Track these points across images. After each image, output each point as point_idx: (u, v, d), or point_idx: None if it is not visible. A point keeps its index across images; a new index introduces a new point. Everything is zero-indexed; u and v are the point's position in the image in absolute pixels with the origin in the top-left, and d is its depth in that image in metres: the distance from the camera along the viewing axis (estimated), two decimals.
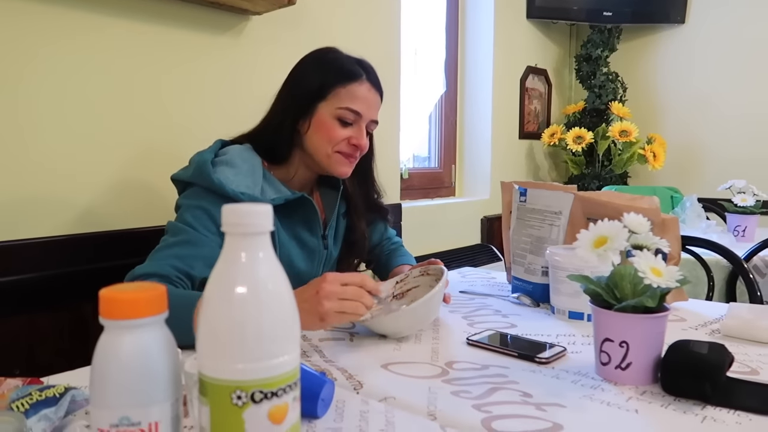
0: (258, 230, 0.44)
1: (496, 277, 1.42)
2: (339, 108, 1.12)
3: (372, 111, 1.16)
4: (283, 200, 1.11)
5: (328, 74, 1.13)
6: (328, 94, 1.13)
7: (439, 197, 2.76)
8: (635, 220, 0.80)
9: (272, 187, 1.13)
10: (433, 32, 2.69)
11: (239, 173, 1.08)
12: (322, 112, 1.13)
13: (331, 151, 1.14)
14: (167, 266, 0.97)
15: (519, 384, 0.74)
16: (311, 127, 1.14)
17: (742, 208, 2.11)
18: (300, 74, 1.17)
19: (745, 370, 0.80)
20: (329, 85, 1.13)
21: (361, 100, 1.13)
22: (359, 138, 1.14)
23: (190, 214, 1.04)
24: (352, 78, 1.13)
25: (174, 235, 1.02)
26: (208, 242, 1.02)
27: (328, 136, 1.13)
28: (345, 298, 0.83)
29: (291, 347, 0.44)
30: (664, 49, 3.16)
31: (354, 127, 1.14)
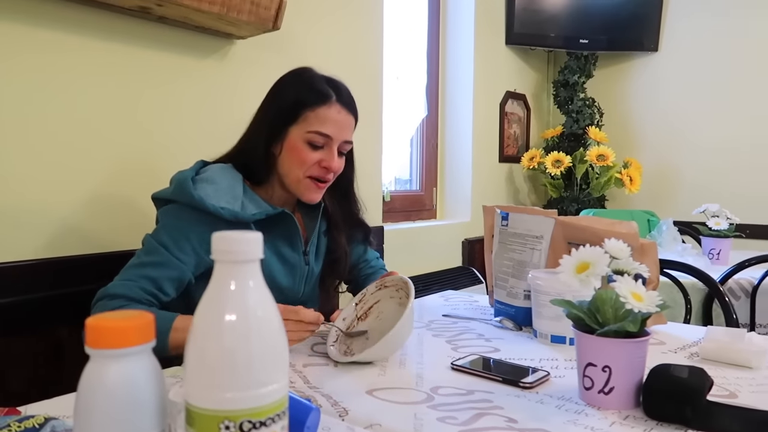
0: (248, 258, 0.44)
1: (478, 300, 1.43)
2: (308, 132, 1.12)
3: (343, 132, 1.15)
4: (264, 215, 1.12)
5: (298, 98, 1.13)
6: (298, 118, 1.13)
7: (421, 220, 2.77)
8: (616, 246, 0.82)
9: (253, 203, 1.14)
10: (414, 57, 2.73)
11: (219, 189, 1.10)
12: (292, 135, 1.13)
13: (302, 175, 1.14)
14: (136, 288, 1.00)
15: (504, 409, 0.75)
16: (283, 151, 1.15)
17: (717, 232, 2.15)
18: (272, 98, 1.18)
19: (724, 393, 0.81)
20: (298, 109, 1.13)
21: (331, 122, 1.13)
22: (329, 161, 1.14)
23: (167, 234, 1.06)
24: (320, 101, 1.13)
25: (148, 254, 1.05)
26: (180, 265, 1.05)
27: (299, 160, 1.13)
28: (289, 329, 0.90)
29: (280, 375, 0.44)
30: (639, 76, 3.25)
31: (324, 150, 1.14)
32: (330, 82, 1.16)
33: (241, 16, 1.46)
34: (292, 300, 1.22)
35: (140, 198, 1.45)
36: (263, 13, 1.51)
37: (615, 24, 3.14)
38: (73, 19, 1.32)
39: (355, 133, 1.23)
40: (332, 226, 1.27)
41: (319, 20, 1.93)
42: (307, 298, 1.26)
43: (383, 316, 1.04)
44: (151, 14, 1.41)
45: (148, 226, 1.13)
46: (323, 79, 1.16)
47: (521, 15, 3.05)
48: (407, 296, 1.00)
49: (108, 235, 1.40)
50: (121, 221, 1.42)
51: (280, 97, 1.16)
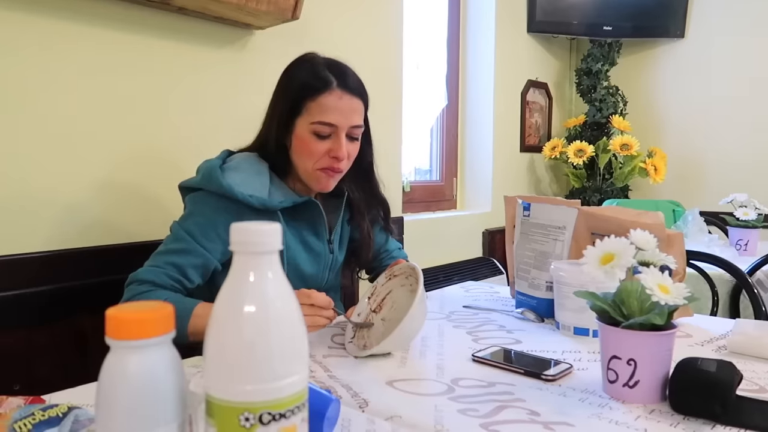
0: (267, 249, 0.43)
1: (499, 292, 1.41)
2: (312, 123, 1.10)
3: (349, 118, 1.11)
4: (291, 203, 1.13)
5: (298, 89, 1.11)
6: (301, 109, 1.11)
7: (441, 210, 2.75)
8: (642, 237, 0.80)
9: (280, 191, 1.14)
10: (434, 46, 2.71)
11: (247, 177, 1.11)
12: (299, 128, 1.12)
13: (312, 168, 1.13)
14: (163, 274, 1.04)
15: (526, 402, 0.74)
16: (293, 144, 1.14)
17: (744, 222, 2.10)
18: (278, 90, 1.17)
19: (754, 387, 0.79)
20: (300, 100, 1.11)
21: (333, 110, 1.10)
22: (337, 150, 1.11)
23: (194, 222, 1.08)
24: (319, 89, 1.09)
25: (175, 241, 1.08)
26: (204, 253, 1.07)
27: (308, 152, 1.12)
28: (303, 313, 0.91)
29: (300, 367, 0.44)
30: (664, 63, 3.18)
31: (332, 139, 1.12)
32: (332, 67, 1.12)
33: (260, 6, 1.45)
34: (316, 288, 1.23)
35: (162, 189, 1.46)
36: (282, 3, 1.50)
37: (640, 10, 3.07)
38: (92, 10, 1.32)
39: (374, 123, 1.22)
40: (355, 212, 1.27)
41: (338, 10, 1.92)
42: (330, 287, 1.28)
43: (397, 306, 1.04)
44: (170, 5, 1.41)
45: (170, 217, 1.14)
46: (324, 65, 1.13)
47: (543, 2, 3.00)
48: (417, 282, 0.99)
49: (131, 226, 1.41)
50: (143, 213, 1.44)
51: (284, 89, 1.15)
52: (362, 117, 1.16)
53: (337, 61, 1.15)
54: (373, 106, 1.19)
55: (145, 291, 1.01)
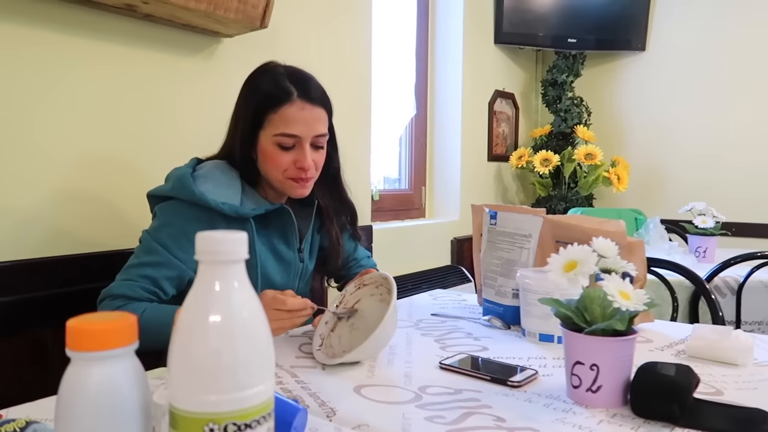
0: (232, 258, 0.43)
1: (467, 299, 1.43)
2: (275, 135, 1.09)
3: (312, 127, 1.10)
4: (263, 210, 1.12)
5: (258, 102, 1.10)
6: (263, 122, 1.10)
7: (410, 219, 2.77)
8: (604, 245, 0.82)
9: (251, 199, 1.14)
10: (403, 56, 2.73)
11: (219, 185, 1.10)
12: (262, 140, 1.11)
13: (282, 177, 1.13)
14: (137, 287, 1.02)
15: (492, 408, 0.75)
16: (259, 156, 1.13)
17: (703, 230, 2.17)
18: (240, 102, 1.16)
19: (711, 390, 0.81)
20: (261, 113, 1.10)
21: (296, 121, 1.09)
22: (303, 161, 1.10)
23: (166, 233, 1.07)
24: (280, 101, 1.08)
25: (147, 254, 1.06)
26: (179, 264, 1.06)
27: (274, 164, 1.11)
28: (278, 318, 0.95)
29: (266, 377, 0.44)
30: (626, 75, 3.27)
31: (297, 150, 1.11)
32: (292, 77, 1.11)
33: (228, 14, 1.45)
34: None
35: (124, 198, 1.44)
36: (251, 11, 1.50)
37: (603, 24, 3.16)
38: (57, 15, 1.30)
39: (343, 132, 1.22)
40: (325, 218, 1.27)
41: (307, 18, 1.92)
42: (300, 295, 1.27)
43: (365, 315, 1.04)
44: (137, 12, 1.39)
45: (134, 226, 1.12)
46: (284, 76, 1.11)
47: (510, 14, 3.05)
48: (388, 292, 1.00)
49: (92, 235, 1.38)
50: (105, 221, 1.41)
51: (245, 101, 1.14)
52: (326, 125, 1.15)
53: (298, 70, 1.14)
54: (342, 115, 1.20)
55: (120, 305, 0.99)
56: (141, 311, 0.98)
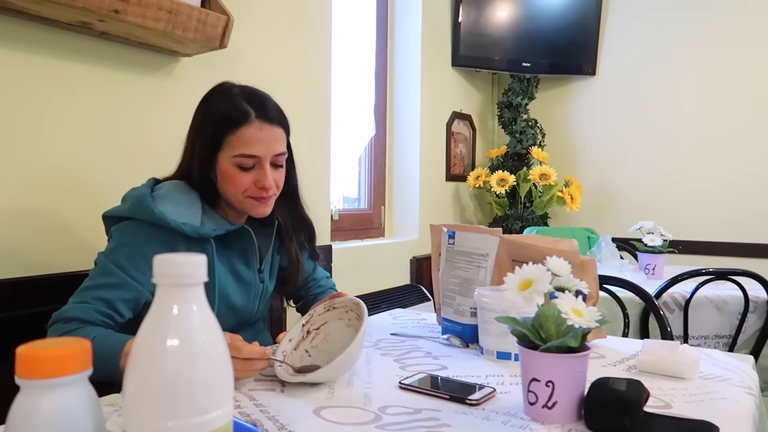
0: (191, 281, 0.43)
1: (426, 318, 1.44)
2: (234, 156, 1.09)
3: (272, 147, 1.11)
4: (224, 231, 1.11)
5: (216, 123, 1.10)
6: (222, 144, 1.10)
7: (369, 238, 2.77)
8: (557, 264, 0.84)
9: (211, 219, 1.13)
10: (362, 77, 2.76)
11: (179, 205, 1.09)
12: (221, 162, 1.11)
13: (242, 197, 1.12)
14: (92, 310, 0.99)
15: (451, 427, 0.75)
16: (218, 177, 1.13)
17: (652, 248, 2.25)
18: (196, 123, 1.15)
19: (660, 404, 0.84)
20: (219, 135, 1.09)
21: (255, 141, 1.09)
22: (263, 181, 1.11)
23: (123, 254, 1.04)
24: (238, 123, 1.08)
25: (102, 275, 1.03)
26: (136, 286, 1.03)
27: (234, 185, 1.11)
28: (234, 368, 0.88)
29: (224, 401, 0.43)
30: (578, 99, 3.39)
31: (257, 170, 1.11)
32: (249, 98, 1.11)
33: (186, 33, 1.44)
34: (246, 318, 1.21)
35: (78, 218, 1.40)
36: (210, 31, 1.50)
37: (555, 49, 3.27)
38: (9, 31, 1.27)
39: (303, 151, 1.23)
40: (284, 236, 1.26)
41: (267, 39, 1.93)
42: (260, 317, 1.26)
43: (330, 338, 1.04)
44: (92, 29, 1.37)
45: (87, 247, 1.09)
46: (241, 96, 1.11)
47: (466, 38, 3.13)
48: (357, 318, 1.00)
49: (44, 257, 1.34)
50: (58, 242, 1.36)
51: (201, 123, 1.13)
52: (285, 144, 1.15)
53: (254, 90, 1.15)
54: (302, 134, 1.21)
55: (73, 329, 0.96)
56: (92, 336, 0.95)
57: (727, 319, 1.89)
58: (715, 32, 3.00)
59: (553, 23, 3.24)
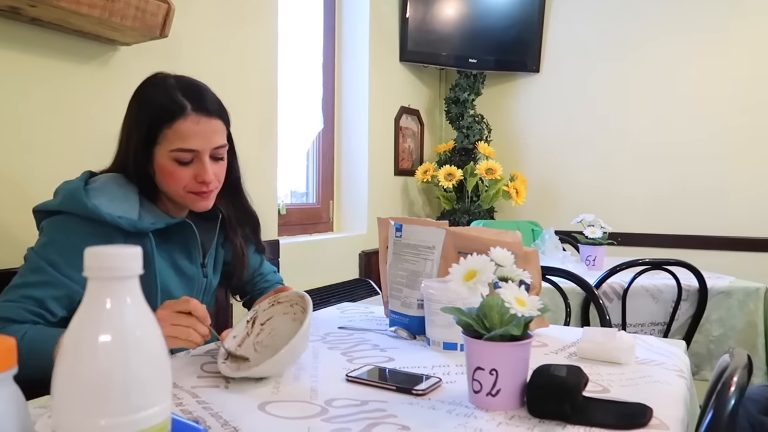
0: (124, 274, 0.41)
1: (374, 312, 1.44)
2: (171, 151, 1.06)
3: (210, 140, 1.08)
4: (163, 224, 1.08)
5: (151, 117, 1.06)
6: (158, 138, 1.06)
7: (318, 233, 2.76)
8: (501, 254, 0.86)
9: (150, 213, 1.09)
10: (310, 70, 2.73)
11: (114, 199, 1.04)
12: (159, 157, 1.07)
13: (183, 192, 1.09)
14: (21, 309, 0.95)
15: (397, 417, 0.76)
16: (156, 172, 1.09)
17: (592, 240, 2.33)
18: (130, 117, 1.11)
19: (598, 389, 0.87)
20: (155, 129, 1.05)
21: (192, 135, 1.05)
22: (203, 175, 1.08)
23: (55, 250, 0.99)
24: (173, 116, 1.04)
25: (32, 273, 0.98)
26: (68, 283, 0.99)
27: (173, 180, 1.08)
28: (177, 324, 0.90)
29: (161, 397, 0.42)
30: (523, 95, 3.46)
31: (196, 164, 1.08)
32: (185, 90, 1.08)
33: (124, 21, 1.39)
34: None
35: (7, 213, 1.33)
36: (149, 20, 1.45)
37: (501, 46, 3.33)
38: None
39: (249, 145, 1.21)
40: (228, 229, 1.24)
41: (210, 29, 1.88)
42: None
43: (276, 333, 1.03)
44: (22, 15, 1.30)
45: (16, 243, 1.04)
46: (176, 88, 1.07)
47: (414, 34, 3.15)
48: (303, 311, 0.99)
49: None
50: None
51: (136, 116, 1.09)
52: (224, 136, 1.12)
53: (191, 81, 1.11)
54: (248, 128, 1.19)
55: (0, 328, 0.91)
56: (21, 334, 0.91)
57: (662, 307, 1.98)
58: (655, 29, 3.12)
59: (499, 20, 3.30)
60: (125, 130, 1.12)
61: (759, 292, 1.96)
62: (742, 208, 2.95)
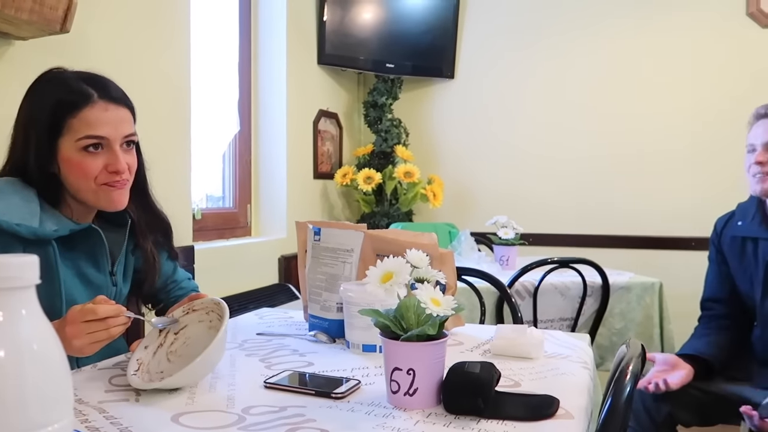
0: (19, 284, 0.39)
1: (293, 316, 1.43)
2: (78, 139, 1.01)
3: (120, 128, 1.05)
4: (67, 231, 1.01)
5: (54, 107, 1.01)
6: (62, 129, 1.01)
7: (235, 237, 2.69)
8: (416, 256, 0.88)
9: (52, 219, 1.02)
10: (225, 71, 2.67)
11: (11, 204, 0.98)
12: (64, 149, 1.02)
13: (95, 186, 1.04)
14: None
15: (316, 422, 0.76)
16: (62, 168, 1.03)
17: (505, 241, 2.42)
18: (26, 114, 1.05)
19: (510, 383, 0.91)
20: (59, 119, 1.01)
21: (101, 122, 1.02)
22: (116, 163, 1.04)
23: None
24: (79, 104, 1.01)
25: None
26: None
27: (83, 173, 1.03)
28: (93, 331, 0.87)
29: (62, 413, 0.40)
30: (439, 100, 3.54)
31: (105, 153, 1.04)
32: (88, 80, 1.05)
33: (20, 14, 1.30)
34: None
35: None
36: (48, 13, 1.36)
37: (417, 52, 3.39)
38: None
39: (160, 147, 1.16)
40: (138, 234, 1.18)
41: (117, 24, 1.79)
42: None
43: (191, 342, 0.99)
44: None
45: None
46: (77, 80, 1.04)
47: (332, 37, 3.15)
48: (219, 318, 0.97)
49: None
50: None
51: (33, 112, 1.03)
52: (133, 126, 1.09)
53: (92, 74, 1.08)
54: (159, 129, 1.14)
55: None
56: None
57: (570, 303, 2.09)
58: (560, 37, 3.29)
59: (415, 26, 3.37)
60: (20, 129, 1.05)
61: (654, 286, 2.12)
62: (640, 208, 3.17)
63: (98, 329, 0.88)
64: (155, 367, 0.95)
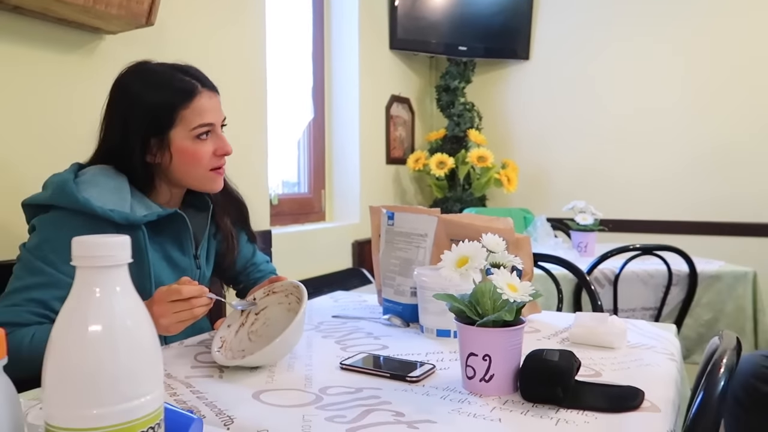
0: (113, 263, 0.41)
1: (367, 300, 1.44)
2: (192, 129, 1.08)
3: (220, 114, 1.14)
4: (155, 216, 1.07)
5: (166, 103, 1.06)
6: (175, 121, 1.07)
7: (310, 222, 2.75)
8: (492, 241, 0.86)
9: (142, 204, 1.08)
10: (299, 59, 2.71)
11: (104, 191, 1.03)
12: (177, 139, 1.08)
13: (203, 172, 1.11)
14: (26, 313, 0.94)
15: (392, 404, 0.76)
16: (173, 158, 1.09)
17: (583, 226, 2.34)
18: (126, 108, 1.08)
19: (590, 373, 0.88)
20: (172, 113, 1.06)
21: (208, 110, 1.10)
22: (224, 146, 1.12)
23: (51, 249, 0.98)
24: (191, 95, 1.08)
25: (32, 275, 0.97)
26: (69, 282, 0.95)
27: (195, 159, 1.09)
28: (178, 311, 0.91)
29: (153, 386, 0.42)
30: (513, 82, 3.45)
31: (213, 138, 1.12)
32: (185, 72, 1.11)
33: (109, 9, 1.37)
34: None
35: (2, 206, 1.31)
36: (135, 8, 1.43)
37: (490, 33, 3.31)
38: None
39: (239, 135, 1.21)
40: (217, 216, 1.23)
41: (197, 17, 1.86)
42: None
43: (270, 323, 1.02)
44: (4, 3, 1.28)
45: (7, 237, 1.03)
46: (177, 71, 1.11)
47: (404, 21, 3.13)
48: (298, 301, 0.99)
49: None
50: None
51: (140, 107, 1.07)
52: None
53: (184, 65, 1.13)
54: (238, 118, 1.18)
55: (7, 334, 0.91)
56: (30, 337, 0.92)
57: (653, 292, 2.00)
58: (644, 19, 3.11)
59: (488, 8, 3.29)
60: (117, 119, 1.10)
61: (747, 276, 1.98)
62: (731, 193, 2.97)
63: (183, 309, 0.92)
64: (237, 346, 0.99)
